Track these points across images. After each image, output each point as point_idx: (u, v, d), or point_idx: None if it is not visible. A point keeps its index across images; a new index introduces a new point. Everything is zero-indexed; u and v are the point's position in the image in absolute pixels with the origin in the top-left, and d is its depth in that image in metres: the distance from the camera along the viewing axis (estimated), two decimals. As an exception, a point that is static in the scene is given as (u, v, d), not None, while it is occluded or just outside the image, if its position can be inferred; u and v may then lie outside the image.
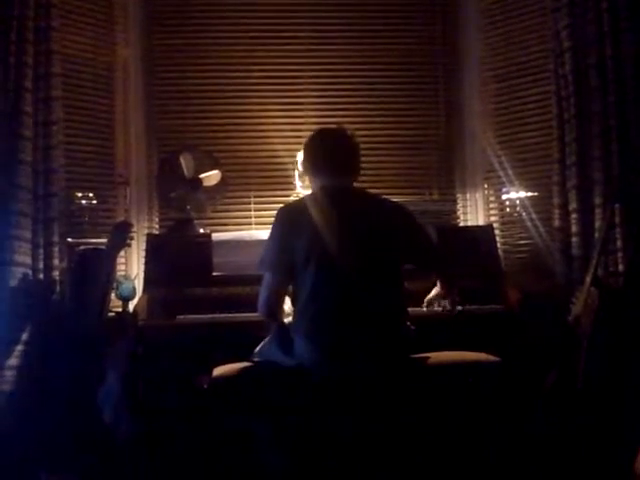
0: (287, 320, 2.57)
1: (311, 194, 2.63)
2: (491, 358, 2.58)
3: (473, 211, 4.09)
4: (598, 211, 3.31)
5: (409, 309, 2.65)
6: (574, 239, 3.39)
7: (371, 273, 2.45)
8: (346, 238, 2.44)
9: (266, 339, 2.61)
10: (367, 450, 2.40)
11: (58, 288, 3.28)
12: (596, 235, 3.27)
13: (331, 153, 2.63)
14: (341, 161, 2.62)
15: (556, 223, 3.49)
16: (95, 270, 3.11)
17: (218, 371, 2.50)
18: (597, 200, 3.33)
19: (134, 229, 3.37)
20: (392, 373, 2.42)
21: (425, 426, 2.45)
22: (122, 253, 3.59)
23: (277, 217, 2.56)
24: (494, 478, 2.68)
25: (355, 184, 2.69)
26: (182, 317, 3.07)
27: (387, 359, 2.43)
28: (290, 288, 2.55)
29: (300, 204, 2.59)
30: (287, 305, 2.62)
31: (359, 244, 2.45)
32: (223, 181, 3.70)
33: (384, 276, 2.49)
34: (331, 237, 2.42)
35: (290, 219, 2.53)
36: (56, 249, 3.27)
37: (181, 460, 2.88)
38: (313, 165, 2.65)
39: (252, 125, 4.00)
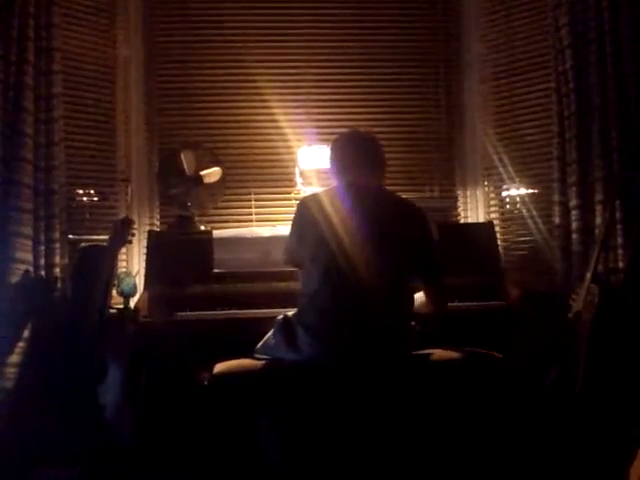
0: (291, 313, 2.58)
1: (331, 189, 2.64)
2: (491, 355, 2.59)
3: (473, 208, 4.09)
4: (598, 208, 3.31)
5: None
6: (574, 236, 3.39)
7: (378, 272, 2.45)
8: (357, 235, 2.45)
9: (268, 334, 2.62)
10: (369, 445, 2.41)
11: (59, 285, 3.29)
12: (596, 232, 3.27)
13: (368, 151, 2.68)
14: (375, 160, 2.68)
15: (556, 220, 3.49)
16: (96, 267, 3.11)
17: (219, 367, 2.50)
18: (597, 197, 3.33)
19: (135, 226, 3.38)
20: (394, 370, 2.43)
21: (426, 422, 2.45)
22: (123, 250, 3.60)
23: (297, 209, 2.61)
24: (493, 476, 2.69)
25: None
26: (183, 314, 3.08)
27: (389, 356, 2.43)
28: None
29: (319, 198, 2.59)
30: None
31: (369, 242, 2.46)
32: (224, 178, 3.71)
33: (391, 275, 2.50)
34: (342, 233, 2.45)
35: (306, 213, 2.55)
36: (57, 246, 3.28)
37: (182, 456, 2.88)
38: (348, 160, 2.66)
39: (253, 122, 4.00)
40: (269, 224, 3.57)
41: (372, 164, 2.67)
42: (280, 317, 2.59)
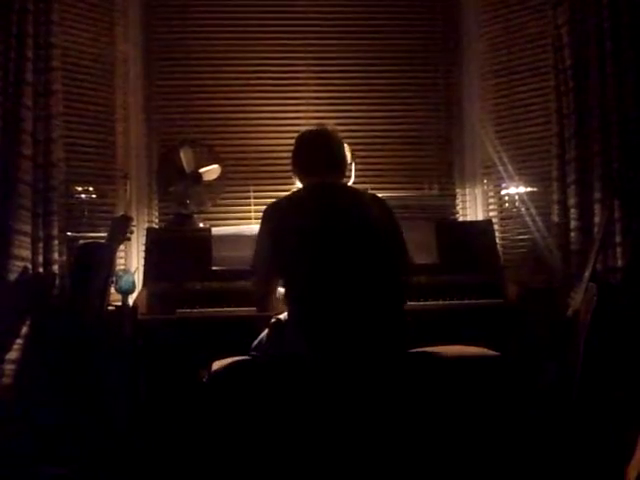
0: (283, 315, 2.59)
1: (299, 190, 2.64)
2: (490, 352, 2.59)
3: (472, 206, 4.09)
4: (597, 206, 3.32)
5: (410, 303, 2.66)
6: (573, 234, 3.39)
7: (364, 268, 2.45)
8: (338, 234, 2.45)
9: (263, 334, 2.62)
10: (363, 444, 2.41)
11: (58, 282, 3.29)
12: (595, 230, 3.27)
13: (322, 151, 2.64)
14: (331, 159, 2.64)
15: (555, 218, 3.50)
16: (95, 264, 3.11)
17: (217, 365, 2.50)
18: (596, 195, 3.33)
19: (134, 223, 3.38)
20: (389, 367, 2.42)
21: (423, 421, 2.45)
22: (122, 247, 3.59)
23: (264, 215, 2.59)
24: (492, 475, 2.69)
25: (347, 180, 2.72)
26: (181, 311, 3.08)
27: (383, 353, 2.43)
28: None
29: (288, 201, 2.59)
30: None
31: (351, 239, 2.45)
32: (223, 175, 3.71)
33: (377, 270, 2.49)
34: (323, 233, 2.44)
35: (278, 217, 2.54)
36: (56, 243, 3.28)
37: (180, 452, 2.88)
38: (303, 163, 2.66)
39: (252, 119, 4.00)
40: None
41: (336, 163, 2.65)
42: (273, 320, 2.60)
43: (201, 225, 3.67)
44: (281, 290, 2.66)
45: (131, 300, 3.28)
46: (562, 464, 2.77)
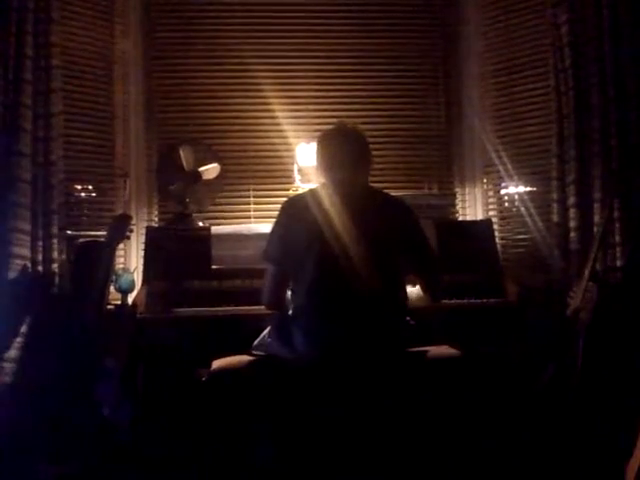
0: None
1: (318, 187, 2.62)
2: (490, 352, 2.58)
3: (472, 205, 4.09)
4: (597, 206, 3.32)
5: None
6: (573, 234, 3.39)
7: (371, 268, 2.44)
8: (349, 232, 2.44)
9: (265, 332, 2.62)
10: (364, 443, 2.41)
11: (57, 281, 3.29)
12: (595, 230, 3.27)
13: (342, 147, 2.62)
14: (351, 154, 2.62)
15: (555, 218, 3.49)
16: (94, 263, 3.10)
17: (217, 364, 2.50)
18: (596, 195, 3.33)
19: (133, 222, 3.38)
20: (389, 367, 2.42)
21: (422, 419, 2.45)
22: (121, 246, 3.59)
23: (282, 209, 2.58)
24: (491, 473, 2.69)
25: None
26: (181, 310, 3.08)
27: (384, 353, 2.43)
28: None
29: (306, 197, 2.58)
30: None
31: (361, 239, 2.45)
32: (222, 174, 3.71)
33: (384, 271, 2.49)
34: (333, 231, 2.43)
35: (294, 212, 2.54)
36: (55, 241, 3.28)
37: (179, 452, 2.88)
38: (324, 159, 2.64)
39: (252, 119, 4.00)
40: (267, 221, 3.56)
41: (358, 160, 2.63)
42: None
43: (200, 224, 3.66)
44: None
45: (130, 299, 3.27)
46: (562, 463, 2.76)
